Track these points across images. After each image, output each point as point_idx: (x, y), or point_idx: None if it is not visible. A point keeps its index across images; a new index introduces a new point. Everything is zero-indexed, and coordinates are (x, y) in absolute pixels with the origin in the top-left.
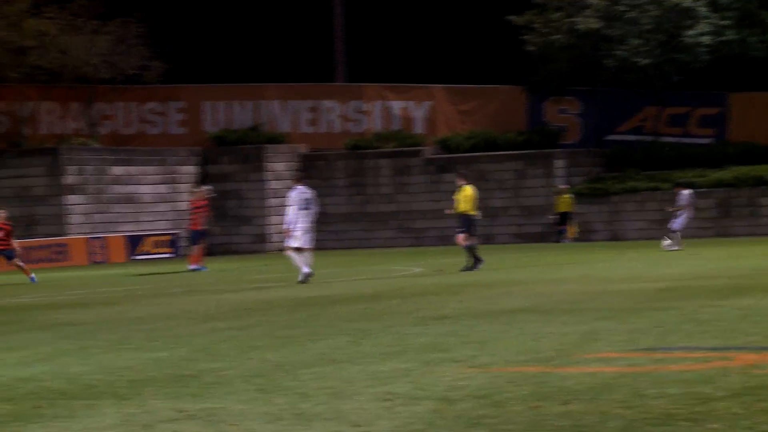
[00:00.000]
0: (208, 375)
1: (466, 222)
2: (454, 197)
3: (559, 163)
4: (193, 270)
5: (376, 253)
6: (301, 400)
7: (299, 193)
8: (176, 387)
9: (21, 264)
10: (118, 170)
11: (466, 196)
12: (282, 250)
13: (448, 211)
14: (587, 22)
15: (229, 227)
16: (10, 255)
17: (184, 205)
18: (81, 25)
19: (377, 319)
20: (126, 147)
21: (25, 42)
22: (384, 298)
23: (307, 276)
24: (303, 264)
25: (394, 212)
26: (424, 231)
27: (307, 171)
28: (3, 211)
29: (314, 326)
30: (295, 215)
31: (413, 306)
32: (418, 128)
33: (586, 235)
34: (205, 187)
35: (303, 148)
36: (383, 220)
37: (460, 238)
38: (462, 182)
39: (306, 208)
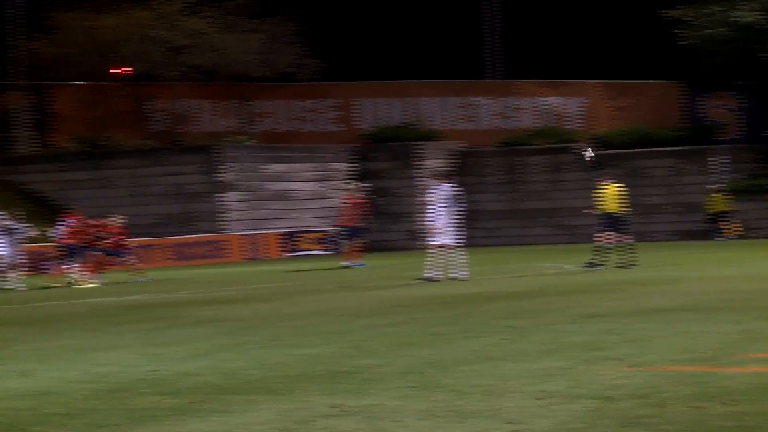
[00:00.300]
0: (363, 371)
1: (610, 221)
2: (593, 195)
3: (717, 159)
4: (348, 266)
5: (528, 250)
6: (457, 398)
7: (442, 190)
8: (331, 383)
9: (129, 264)
10: (272, 167)
11: (610, 194)
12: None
13: (586, 211)
14: (746, 15)
15: (382, 224)
16: (118, 254)
17: (337, 202)
18: (235, 24)
19: (531, 316)
20: (280, 144)
21: (181, 41)
22: (537, 296)
23: (429, 279)
24: (434, 267)
25: (548, 209)
26: (578, 228)
27: (457, 168)
28: (120, 216)
29: (467, 323)
30: (438, 213)
31: (567, 303)
32: (572, 124)
33: (747, 233)
34: (360, 184)
35: (455, 145)
36: (536, 217)
37: (603, 236)
38: (604, 180)
39: (450, 206)
